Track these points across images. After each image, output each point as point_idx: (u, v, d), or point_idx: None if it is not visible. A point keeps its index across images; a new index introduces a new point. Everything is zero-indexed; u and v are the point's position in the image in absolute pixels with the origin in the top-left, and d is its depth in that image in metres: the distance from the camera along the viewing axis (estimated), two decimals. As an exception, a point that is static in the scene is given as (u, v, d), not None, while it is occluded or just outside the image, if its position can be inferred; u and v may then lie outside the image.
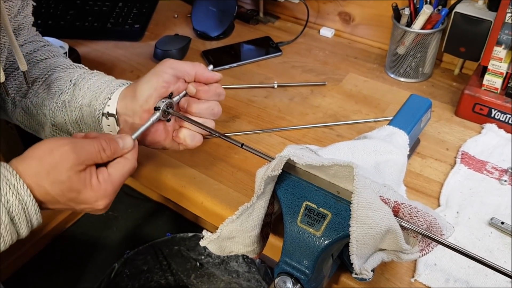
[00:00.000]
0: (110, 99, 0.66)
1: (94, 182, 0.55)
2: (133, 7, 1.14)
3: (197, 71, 0.66)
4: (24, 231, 0.53)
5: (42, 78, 0.71)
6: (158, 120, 0.64)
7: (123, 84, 0.68)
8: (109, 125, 0.67)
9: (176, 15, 1.19)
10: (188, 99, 0.66)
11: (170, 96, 0.65)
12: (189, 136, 0.67)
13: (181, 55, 1.03)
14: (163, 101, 0.63)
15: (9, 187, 0.51)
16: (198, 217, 1.56)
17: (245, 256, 1.32)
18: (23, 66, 0.64)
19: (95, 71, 0.72)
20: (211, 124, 0.67)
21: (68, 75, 0.70)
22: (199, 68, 0.66)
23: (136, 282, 1.32)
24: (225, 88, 0.92)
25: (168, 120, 0.66)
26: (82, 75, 0.70)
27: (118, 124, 0.66)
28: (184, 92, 0.67)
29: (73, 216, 1.64)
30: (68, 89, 0.68)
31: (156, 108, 0.63)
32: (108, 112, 0.66)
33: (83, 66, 0.75)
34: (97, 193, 0.56)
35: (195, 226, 1.58)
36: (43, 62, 0.73)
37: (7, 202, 0.51)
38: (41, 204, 0.54)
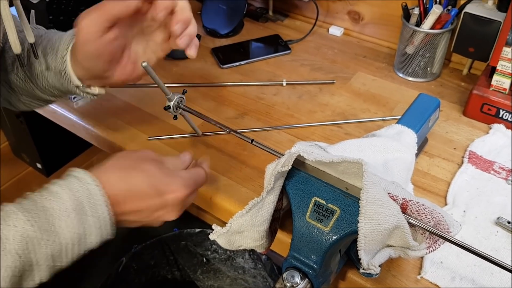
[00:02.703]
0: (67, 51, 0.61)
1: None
2: (143, 4, 1.15)
3: None
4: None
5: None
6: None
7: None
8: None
9: (186, 12, 1.19)
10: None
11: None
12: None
13: (191, 52, 1.04)
14: (175, 96, 0.64)
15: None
16: (205, 213, 1.57)
17: (251, 253, 1.32)
18: (31, 38, 0.62)
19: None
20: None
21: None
22: None
23: (143, 277, 1.33)
24: (234, 85, 0.94)
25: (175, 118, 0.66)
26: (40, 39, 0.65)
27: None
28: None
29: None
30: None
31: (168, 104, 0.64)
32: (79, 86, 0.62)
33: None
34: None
35: (202, 222, 1.59)
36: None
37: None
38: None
